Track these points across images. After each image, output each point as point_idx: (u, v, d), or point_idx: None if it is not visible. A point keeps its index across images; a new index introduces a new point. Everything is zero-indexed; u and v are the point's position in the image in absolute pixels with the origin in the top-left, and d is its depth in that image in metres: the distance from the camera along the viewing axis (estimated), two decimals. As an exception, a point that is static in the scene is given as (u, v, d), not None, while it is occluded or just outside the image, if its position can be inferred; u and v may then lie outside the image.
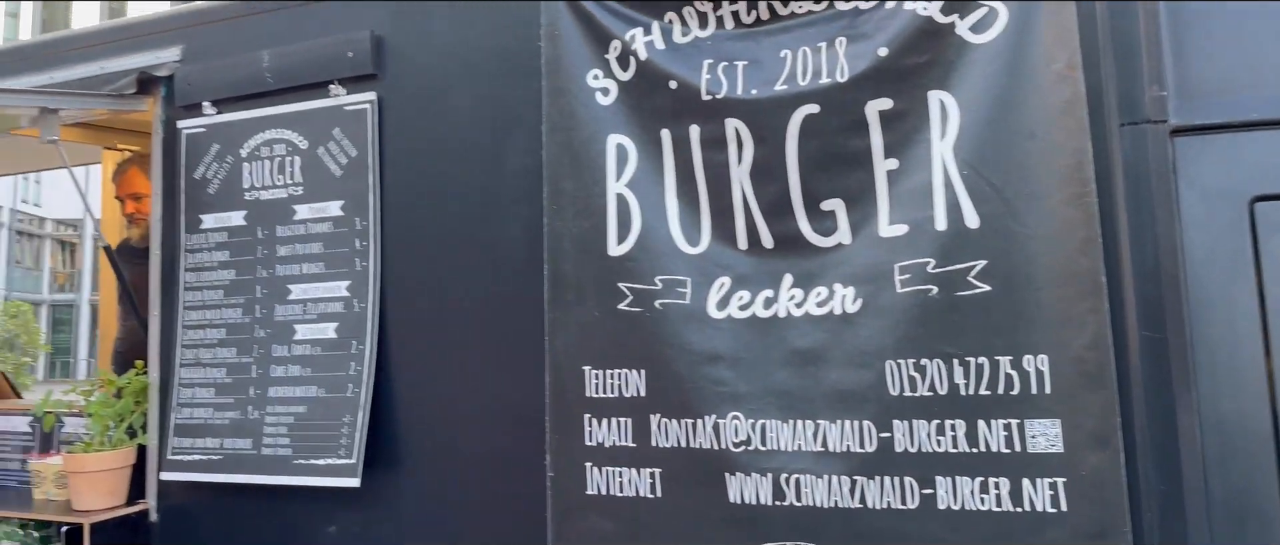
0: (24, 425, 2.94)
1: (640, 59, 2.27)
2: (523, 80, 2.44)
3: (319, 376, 2.52)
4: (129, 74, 3.01)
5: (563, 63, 2.37)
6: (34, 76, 3.33)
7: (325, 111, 2.71)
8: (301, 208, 2.69)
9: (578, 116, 2.32)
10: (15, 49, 3.62)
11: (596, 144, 2.29)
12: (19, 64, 3.42)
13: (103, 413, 2.61)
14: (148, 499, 2.66)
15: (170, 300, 2.80)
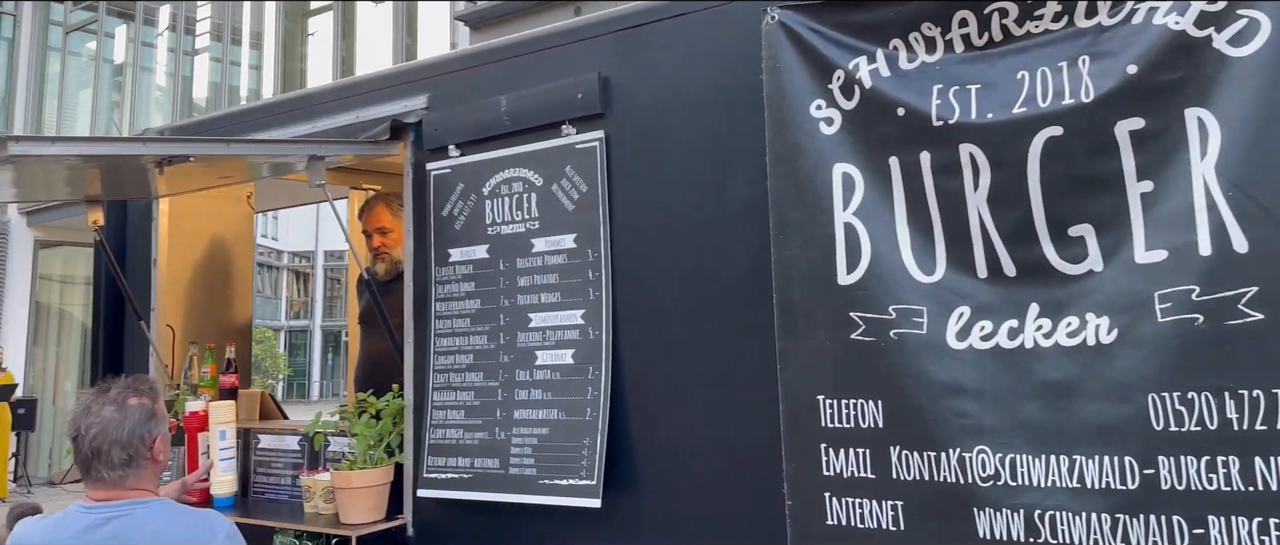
0: (294, 444, 3.27)
1: (865, 87, 2.27)
2: (745, 113, 2.49)
3: (559, 400, 2.67)
4: (382, 122, 3.30)
5: (785, 95, 2.40)
6: (299, 126, 3.71)
7: (558, 150, 2.87)
8: (538, 241, 2.86)
9: (802, 147, 2.35)
10: (282, 101, 4.03)
11: (822, 174, 2.30)
12: (286, 116, 3.81)
13: (366, 433, 2.86)
14: (405, 514, 2.89)
15: (423, 328, 3.05)
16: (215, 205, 4.27)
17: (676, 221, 2.61)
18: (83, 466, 2.03)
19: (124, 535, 2.00)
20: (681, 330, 2.55)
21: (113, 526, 2.01)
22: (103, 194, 3.86)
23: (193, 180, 3.76)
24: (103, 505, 2.04)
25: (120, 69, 14.82)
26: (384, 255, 3.94)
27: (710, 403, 2.46)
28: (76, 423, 2.06)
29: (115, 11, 14.77)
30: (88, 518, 2.02)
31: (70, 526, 2.02)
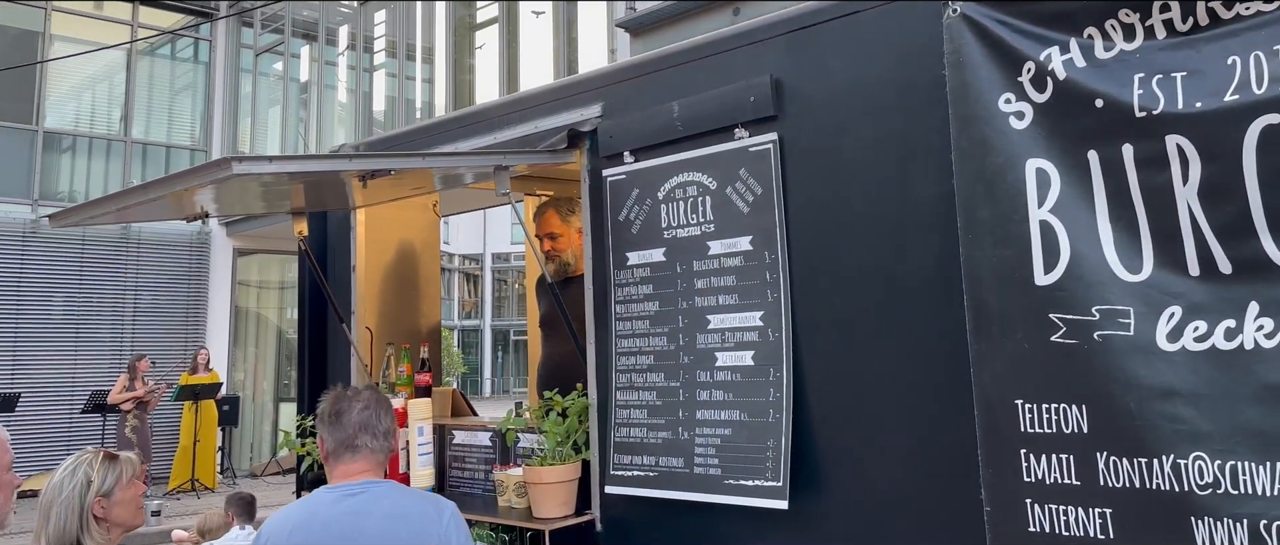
0: (486, 440, 3.44)
1: (1058, 79, 2.19)
2: (926, 109, 2.45)
3: (741, 401, 2.71)
4: (559, 131, 3.42)
5: (971, 89, 2.34)
6: (481, 138, 3.89)
7: (731, 154, 2.90)
8: (714, 244, 2.90)
9: (991, 143, 2.28)
10: (465, 115, 4.24)
11: (1013, 170, 2.23)
12: (469, 128, 4.00)
13: (554, 430, 2.99)
14: (593, 510, 2.99)
15: (604, 329, 3.15)
16: (405, 214, 4.53)
17: (857, 222, 2.59)
18: (348, 442, 2.31)
19: (365, 507, 2.25)
20: (866, 332, 2.53)
21: (355, 501, 2.26)
22: (306, 206, 4.17)
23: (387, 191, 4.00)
24: (345, 484, 2.31)
25: (305, 87, 15.87)
26: (554, 257, 4.09)
27: (898, 406, 2.43)
28: (337, 406, 2.35)
29: (300, 33, 15.83)
30: (332, 495, 2.29)
31: (319, 502, 2.29)
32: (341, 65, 16.22)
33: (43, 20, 13.90)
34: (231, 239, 14.19)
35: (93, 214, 3.37)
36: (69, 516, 2.49)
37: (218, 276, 14.08)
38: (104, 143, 14.41)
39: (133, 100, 14.38)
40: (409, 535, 2.23)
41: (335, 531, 2.21)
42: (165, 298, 13.54)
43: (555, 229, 4.11)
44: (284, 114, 15.51)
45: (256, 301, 15.21)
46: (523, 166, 3.78)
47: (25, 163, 13.30)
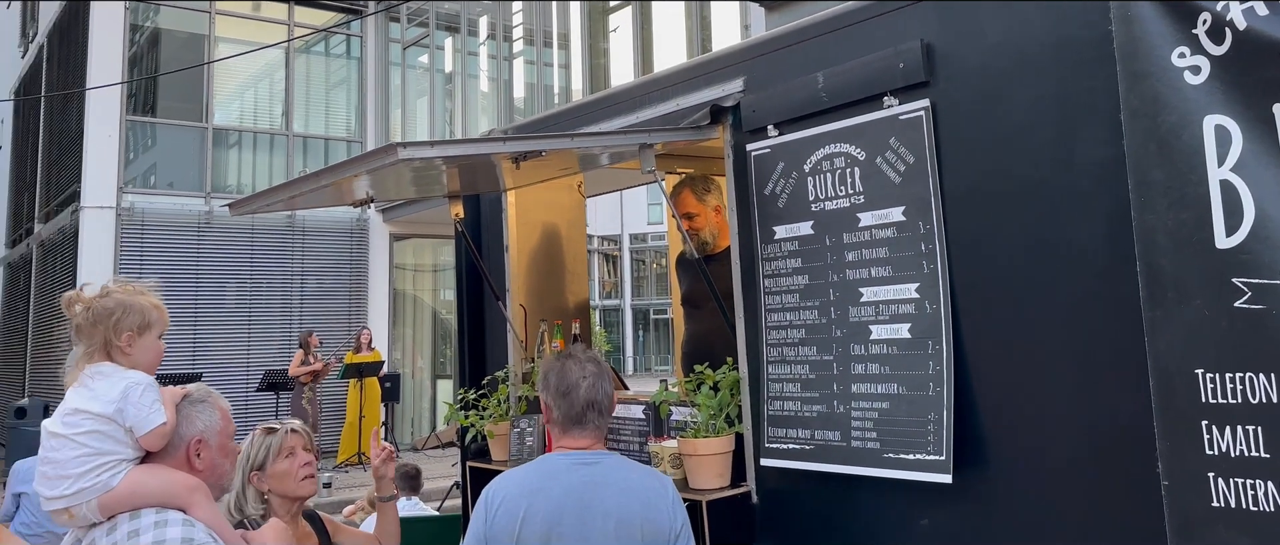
0: (639, 412, 3.52)
1: (1238, 29, 2.05)
2: (1090, 68, 2.34)
3: (898, 375, 2.67)
4: (701, 107, 3.44)
5: (1141, 44, 2.22)
6: (625, 117, 3.95)
7: (880, 123, 2.85)
8: (865, 215, 2.86)
9: (1164, 100, 2.16)
10: (608, 96, 4.31)
11: (1190, 128, 2.11)
12: (612, 109, 4.07)
13: (707, 404, 3.03)
14: (748, 482, 3.03)
15: (752, 303, 3.16)
16: (552, 195, 4.66)
17: (1017, 188, 2.51)
18: (576, 417, 2.40)
19: (601, 477, 2.34)
20: (1030, 301, 2.46)
21: (590, 471, 2.35)
22: (461, 189, 4.35)
23: (537, 173, 4.12)
24: (578, 452, 2.40)
25: (450, 78, 16.44)
26: (693, 236, 4.12)
27: (1066, 376, 2.35)
28: (566, 381, 2.42)
29: (443, 25, 16.38)
30: (566, 461, 2.38)
31: (554, 467, 2.38)
32: (483, 55, 16.71)
33: (207, 24, 14.87)
34: (387, 224, 14.89)
35: (269, 201, 3.62)
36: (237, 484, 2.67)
37: (376, 260, 14.81)
38: (267, 137, 15.33)
39: (292, 96, 15.23)
40: (642, 508, 2.31)
41: (576, 499, 2.28)
42: (329, 281, 14.35)
43: (691, 208, 4.13)
44: (431, 104, 16.11)
45: (412, 284, 15.92)
46: (663, 144, 3.83)
47: (197, 158, 14.31)
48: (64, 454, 1.99)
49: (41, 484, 2.02)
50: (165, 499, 2.02)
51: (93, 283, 2.16)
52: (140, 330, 2.09)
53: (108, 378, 2.04)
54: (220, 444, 2.16)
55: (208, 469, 2.11)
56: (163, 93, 14.65)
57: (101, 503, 1.98)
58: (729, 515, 2.94)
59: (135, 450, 2.03)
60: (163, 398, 2.08)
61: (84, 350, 2.08)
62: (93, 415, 2.00)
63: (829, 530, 2.81)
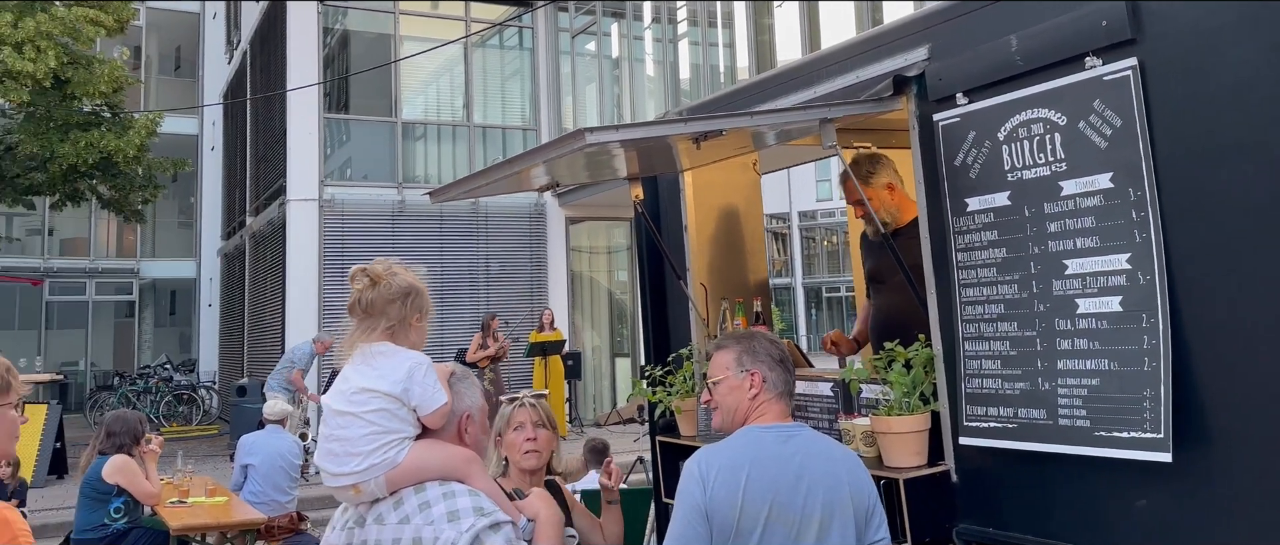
0: (827, 390, 3.49)
1: None
2: (1328, 13, 2.14)
3: (1108, 350, 2.53)
4: (883, 79, 3.35)
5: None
6: (802, 93, 3.90)
7: (1082, 85, 2.69)
8: (1067, 183, 2.72)
9: None
10: (784, 72, 4.27)
11: None
12: (789, 85, 4.03)
13: (900, 381, 2.98)
14: (947, 461, 2.95)
15: (944, 279, 3.07)
16: (728, 174, 4.67)
17: (1237, 150, 2.32)
18: (786, 392, 2.53)
19: (805, 447, 2.43)
20: (1254, 271, 2.27)
21: (796, 443, 2.44)
22: (640, 171, 4.43)
23: (714, 152, 4.14)
24: (780, 425, 2.48)
25: (617, 63, 16.72)
26: (868, 221, 4.02)
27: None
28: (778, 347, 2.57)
29: (609, 12, 16.66)
30: (772, 435, 2.46)
31: (762, 439, 2.45)
32: (647, 39, 16.88)
33: (393, 24, 15.72)
34: (563, 209, 15.35)
35: (465, 189, 3.81)
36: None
37: (554, 243, 15.32)
38: (449, 129, 16.09)
39: (471, 88, 15.90)
40: (848, 476, 2.41)
41: (790, 470, 2.36)
42: (511, 264, 14.96)
43: (858, 195, 4.02)
44: (599, 90, 16.43)
45: (588, 265, 16.37)
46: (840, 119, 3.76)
47: (389, 151, 15.20)
48: (353, 431, 2.06)
49: (329, 461, 2.09)
50: (446, 472, 2.10)
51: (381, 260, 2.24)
52: (424, 314, 2.21)
53: (390, 357, 2.11)
54: (482, 421, 2.25)
55: (475, 443, 2.21)
56: (355, 91, 15.64)
57: (388, 478, 2.05)
58: (928, 494, 2.88)
59: (415, 427, 2.11)
60: (438, 373, 2.16)
61: (364, 326, 2.15)
62: (380, 394, 2.07)
63: (1035, 510, 2.71)
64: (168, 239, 25.18)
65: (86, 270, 23.08)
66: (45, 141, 14.39)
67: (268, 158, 16.23)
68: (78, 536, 5.97)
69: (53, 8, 14.12)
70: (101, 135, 14.54)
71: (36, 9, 13.80)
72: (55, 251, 23.22)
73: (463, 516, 1.99)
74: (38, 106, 14.28)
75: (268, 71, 16.63)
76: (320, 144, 14.43)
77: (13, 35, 13.24)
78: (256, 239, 16.77)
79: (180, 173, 17.19)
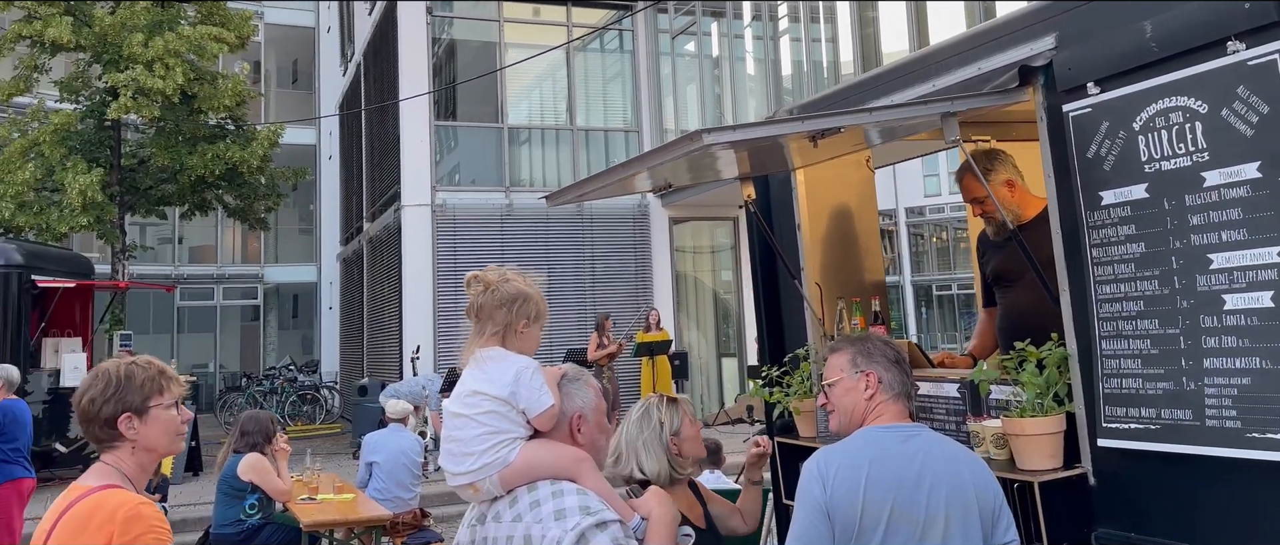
0: (952, 391, 3.42)
1: None
2: None
3: (1260, 347, 2.41)
4: (1006, 70, 3.26)
5: None
6: (919, 87, 3.82)
7: (1224, 71, 2.56)
8: (1211, 174, 2.59)
9: None
10: (899, 66, 4.20)
11: None
12: (903, 79, 3.96)
13: (1033, 382, 2.89)
14: (1083, 463, 2.85)
15: (1078, 276, 2.97)
16: (841, 171, 4.61)
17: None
18: (903, 393, 2.52)
19: (926, 448, 2.41)
20: None
21: (916, 443, 2.42)
22: (752, 171, 4.42)
23: (828, 150, 4.10)
24: (899, 425, 2.47)
25: (717, 63, 16.68)
26: (988, 220, 3.91)
27: None
28: (894, 347, 2.58)
29: (709, 11, 16.64)
30: (892, 435, 2.44)
31: (882, 439, 2.43)
32: (747, 37, 16.79)
33: (497, 32, 16.06)
34: (666, 209, 15.41)
35: (581, 192, 3.88)
36: (659, 454, 2.88)
37: (658, 243, 15.40)
38: (553, 132, 16.34)
39: (574, 92, 16.12)
40: (971, 477, 2.36)
41: (912, 469, 2.34)
42: (615, 265, 15.10)
43: (977, 193, 3.90)
44: (700, 90, 16.43)
45: (692, 265, 16.39)
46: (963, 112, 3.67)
47: (496, 156, 15.53)
48: (467, 433, 2.18)
49: (448, 461, 2.22)
50: (557, 471, 2.17)
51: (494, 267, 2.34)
52: (533, 319, 2.28)
53: (499, 362, 2.21)
54: (597, 420, 2.29)
55: (588, 443, 2.26)
56: (462, 98, 16.03)
57: (501, 477, 2.15)
58: (1064, 497, 2.79)
59: (526, 428, 2.20)
60: (546, 377, 2.24)
61: (477, 330, 2.26)
62: (490, 397, 2.17)
63: (1180, 515, 2.60)
64: (289, 245, 26.33)
65: (214, 276, 24.34)
66: (175, 154, 15.23)
67: (382, 165, 16.80)
68: (216, 532, 6.30)
69: (180, 27, 14.93)
70: (227, 147, 15.32)
71: (165, 29, 14.61)
72: (185, 259, 24.55)
73: (569, 515, 2.05)
74: (167, 121, 15.13)
75: (380, 82, 17.20)
76: (431, 151, 14.86)
77: (144, 54, 14.05)
78: (373, 244, 17.36)
79: (300, 181, 17.95)
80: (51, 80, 16.08)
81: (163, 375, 2.30)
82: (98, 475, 2.19)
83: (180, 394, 2.35)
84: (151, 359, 2.35)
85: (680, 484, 2.98)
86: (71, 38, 14.21)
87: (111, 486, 2.15)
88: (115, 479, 2.18)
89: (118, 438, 2.20)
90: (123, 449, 2.21)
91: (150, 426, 2.22)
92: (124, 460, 2.21)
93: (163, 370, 2.33)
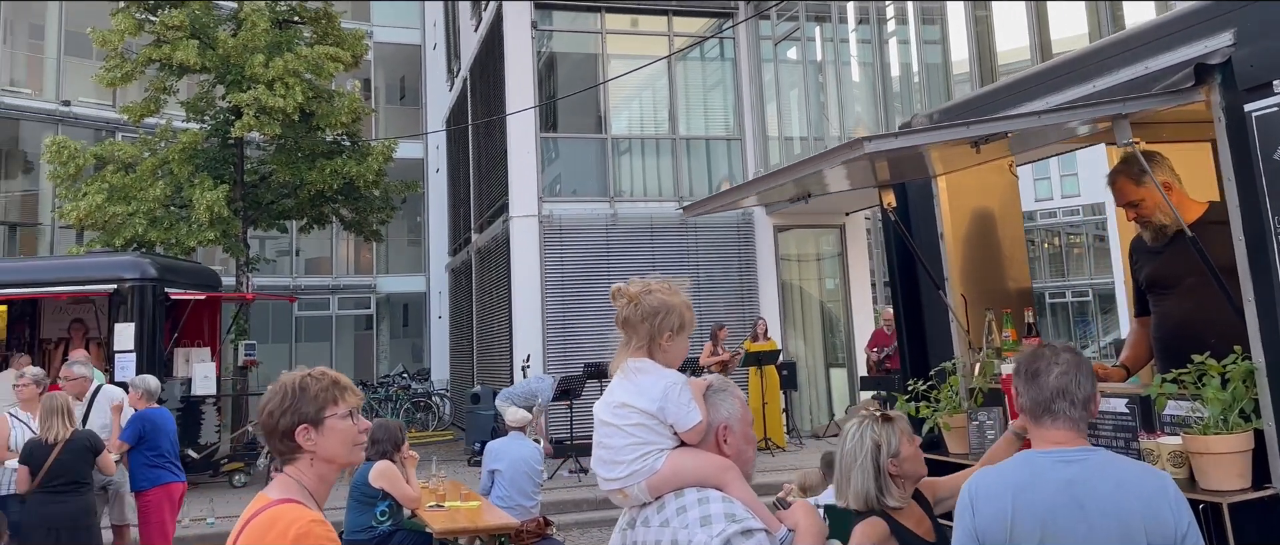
0: (1121, 407, 3.26)
1: None
2: None
3: None
4: (1181, 67, 3.11)
5: None
6: (1071, 90, 3.68)
7: None
8: None
9: None
10: (1050, 68, 4.04)
11: None
12: (1055, 82, 3.81)
13: (1217, 398, 2.73)
14: (1275, 483, 2.68)
15: (1265, 285, 2.80)
16: (983, 177, 4.48)
17: None
18: (1044, 404, 2.29)
19: (1090, 474, 2.22)
20: None
21: (1075, 468, 2.24)
22: (891, 178, 4.33)
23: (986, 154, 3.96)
24: (1060, 450, 2.28)
25: (821, 68, 16.46)
26: (1146, 224, 3.72)
27: None
28: (1035, 365, 2.34)
29: (812, 15, 16.45)
30: (1048, 460, 2.28)
31: (1037, 464, 2.29)
32: (852, 41, 16.53)
33: (599, 43, 16.20)
34: (770, 217, 15.27)
35: (723, 202, 3.86)
36: (867, 478, 2.76)
37: (763, 252, 15.26)
38: (654, 142, 16.37)
39: (676, 101, 16.13)
40: (1141, 506, 2.16)
41: (1068, 496, 2.21)
42: (719, 274, 15.02)
43: (1132, 196, 3.70)
44: (804, 96, 16.25)
45: (797, 274, 16.19)
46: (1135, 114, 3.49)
47: (599, 166, 15.65)
48: (616, 441, 2.22)
49: (600, 467, 2.27)
50: (702, 479, 2.17)
51: (635, 278, 2.36)
52: (677, 331, 2.28)
53: (649, 375, 2.23)
54: (742, 431, 2.27)
55: (735, 454, 2.24)
56: (564, 109, 16.22)
57: (649, 484, 2.19)
58: (1256, 519, 2.63)
59: (673, 439, 2.22)
60: (692, 390, 2.25)
61: (626, 341, 2.29)
62: (639, 411, 2.21)
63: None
64: (398, 256, 27.07)
65: (329, 287, 25.19)
66: (295, 170, 15.82)
67: (489, 177, 17.11)
68: (349, 538, 6.47)
69: (298, 48, 15.53)
70: (344, 162, 15.84)
71: (284, 49, 15.22)
72: (301, 271, 25.48)
73: (715, 521, 2.05)
74: (287, 138, 15.72)
75: (487, 96, 17.54)
76: (538, 163, 15.06)
77: (265, 74, 14.65)
78: (481, 254, 17.70)
79: (408, 194, 18.42)
80: (178, 101, 16.91)
81: (336, 385, 2.32)
82: (279, 488, 2.24)
83: (355, 404, 2.37)
84: (325, 370, 2.38)
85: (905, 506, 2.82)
86: (197, 60, 14.91)
87: (289, 501, 2.18)
88: (294, 492, 2.22)
89: (296, 449, 2.24)
90: (302, 461, 2.25)
91: (327, 437, 2.24)
92: (303, 472, 2.25)
93: (336, 380, 2.35)
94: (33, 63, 22.24)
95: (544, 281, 14.41)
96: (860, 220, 16.13)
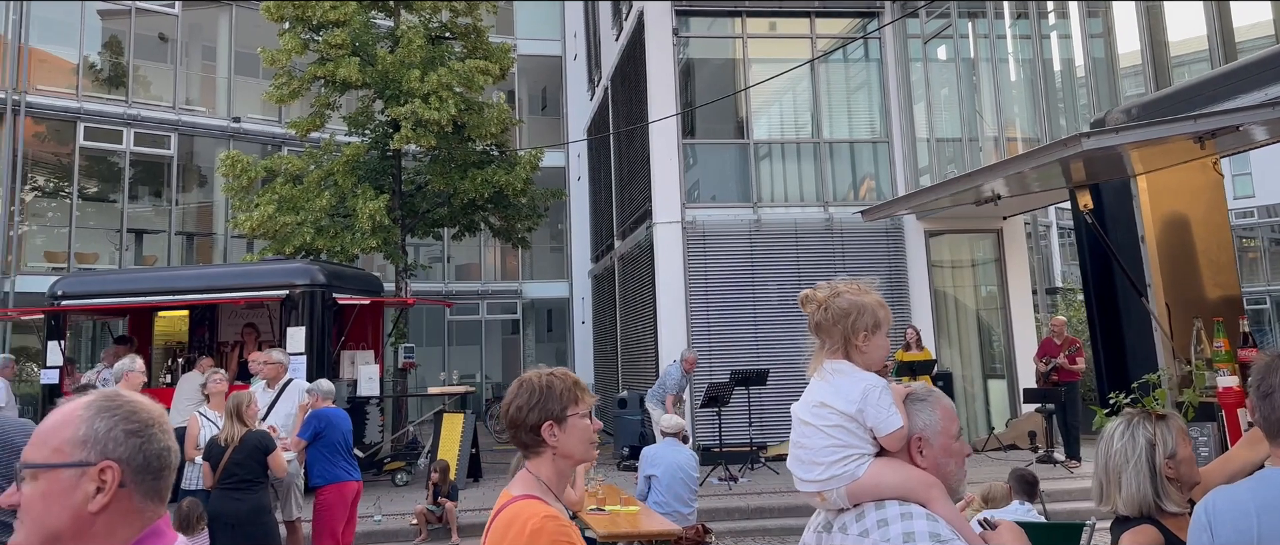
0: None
1: None
2: None
3: None
4: None
5: None
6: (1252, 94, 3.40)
7: None
8: None
9: None
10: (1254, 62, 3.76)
11: None
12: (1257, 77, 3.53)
13: None
14: None
15: None
16: (1184, 177, 4.20)
17: None
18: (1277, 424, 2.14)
19: None
20: None
21: None
22: (1087, 179, 4.10)
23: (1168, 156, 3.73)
24: None
25: (973, 65, 15.87)
26: None
27: None
28: (1266, 379, 2.18)
29: (965, 12, 15.87)
30: None
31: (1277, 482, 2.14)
32: (1008, 37, 15.87)
33: (740, 48, 16.11)
34: (921, 222, 14.81)
35: (912, 205, 3.73)
36: (1141, 481, 2.57)
37: (914, 258, 14.83)
38: (795, 146, 16.15)
39: (819, 103, 15.87)
40: None
41: None
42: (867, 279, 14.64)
43: None
44: (957, 94, 15.70)
45: (950, 281, 15.65)
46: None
47: (742, 172, 15.55)
48: (815, 442, 2.17)
49: (797, 467, 2.22)
50: (904, 492, 2.09)
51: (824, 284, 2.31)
52: (872, 330, 2.21)
53: (847, 377, 2.18)
54: (943, 444, 2.16)
55: (931, 467, 2.13)
56: (704, 115, 16.20)
57: (849, 491, 2.12)
58: None
59: (873, 445, 2.15)
60: (893, 395, 2.16)
61: (821, 345, 2.25)
62: (837, 412, 2.15)
63: None
64: (542, 262, 27.67)
65: (479, 292, 25.96)
66: (449, 180, 16.40)
67: (632, 185, 17.27)
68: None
69: (450, 62, 16.09)
70: (494, 172, 16.32)
71: (437, 64, 15.80)
72: (453, 277, 26.35)
73: (918, 539, 1.97)
74: (442, 150, 16.31)
75: (628, 104, 17.72)
76: (680, 169, 15.10)
77: (420, 88, 15.26)
78: (624, 260, 17.88)
79: (553, 202, 18.82)
80: (340, 116, 17.80)
81: (578, 386, 2.43)
82: (521, 484, 2.35)
83: (591, 405, 2.45)
84: (567, 371, 2.47)
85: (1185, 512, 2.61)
86: (359, 76, 15.66)
87: (529, 497, 2.29)
88: (534, 488, 2.32)
89: (541, 444, 2.34)
90: (544, 455, 2.35)
91: (569, 434, 2.35)
92: (543, 467, 2.35)
93: (577, 382, 2.45)
94: (206, 82, 23.85)
95: (688, 288, 14.43)
96: (1018, 225, 15.46)
